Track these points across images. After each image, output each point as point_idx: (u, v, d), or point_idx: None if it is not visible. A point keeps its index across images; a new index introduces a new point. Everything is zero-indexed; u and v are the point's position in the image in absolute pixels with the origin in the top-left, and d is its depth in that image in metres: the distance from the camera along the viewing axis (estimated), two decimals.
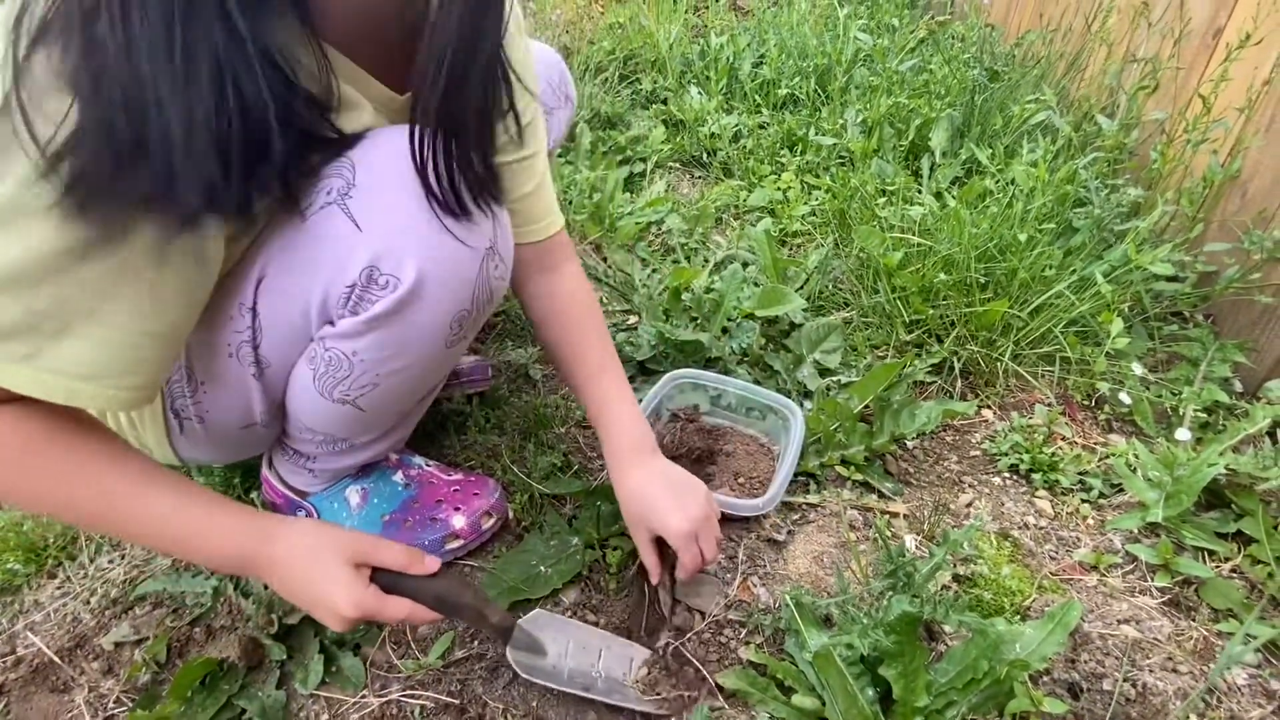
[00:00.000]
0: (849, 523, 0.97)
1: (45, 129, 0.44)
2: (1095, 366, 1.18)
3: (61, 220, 0.47)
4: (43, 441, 0.55)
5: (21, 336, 0.50)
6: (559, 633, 0.79)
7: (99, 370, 0.53)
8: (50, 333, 0.50)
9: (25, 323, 0.49)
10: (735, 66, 2.14)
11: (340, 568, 0.61)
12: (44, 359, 0.51)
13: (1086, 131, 1.60)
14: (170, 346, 0.58)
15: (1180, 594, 0.90)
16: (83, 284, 0.49)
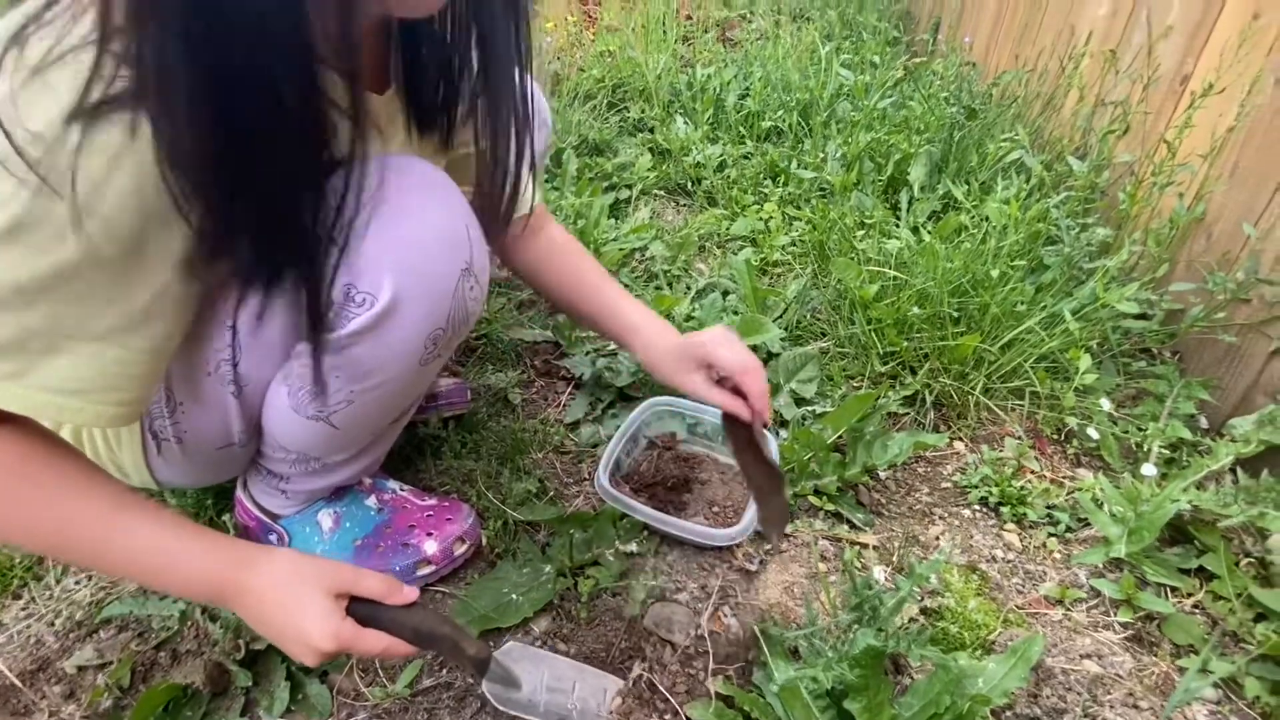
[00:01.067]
0: (820, 553, 0.98)
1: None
2: (1064, 401, 1.21)
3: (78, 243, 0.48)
4: (15, 468, 0.54)
5: (10, 354, 0.50)
6: (534, 665, 0.79)
7: (86, 386, 0.53)
8: (38, 350, 0.50)
9: (15, 340, 0.49)
10: (721, 98, 2.18)
11: (318, 598, 0.60)
12: (32, 376, 0.51)
13: (1058, 171, 1.65)
14: (158, 361, 0.59)
15: (1143, 629, 0.91)
16: (76, 301, 0.50)
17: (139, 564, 0.59)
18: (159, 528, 0.59)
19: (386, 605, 0.64)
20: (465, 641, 0.65)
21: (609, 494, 0.94)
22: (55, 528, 0.56)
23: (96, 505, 0.57)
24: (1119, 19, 1.72)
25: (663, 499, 1.04)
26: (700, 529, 0.94)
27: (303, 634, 0.59)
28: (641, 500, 0.99)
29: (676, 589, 0.93)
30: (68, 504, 0.56)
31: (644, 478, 1.05)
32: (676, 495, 1.05)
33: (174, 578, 0.60)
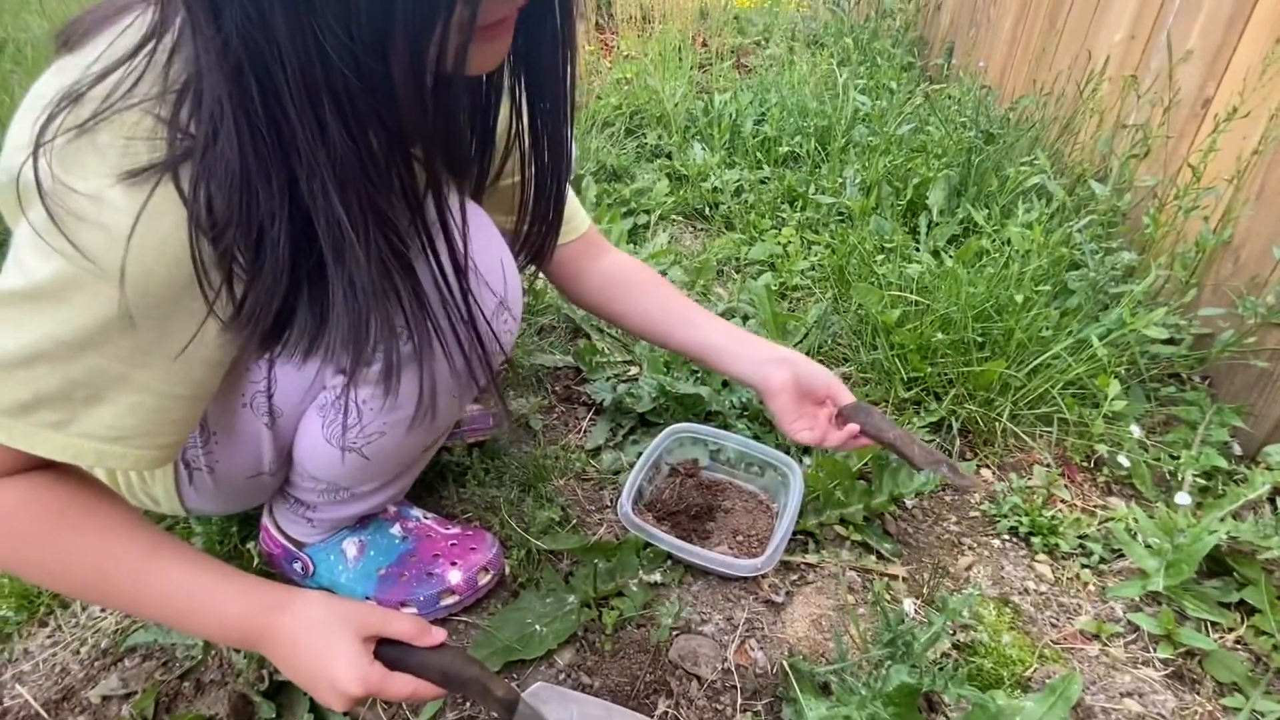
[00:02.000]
0: (848, 585, 0.96)
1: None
2: (1093, 428, 1.19)
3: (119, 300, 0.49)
4: (55, 514, 0.55)
5: (55, 405, 0.51)
6: (562, 705, 0.77)
7: (127, 432, 0.54)
8: (82, 400, 0.51)
9: (60, 391, 0.51)
10: (738, 123, 2.20)
11: (347, 643, 0.59)
12: (75, 425, 0.52)
13: (1080, 195, 1.64)
14: (197, 405, 0.60)
15: (1184, 665, 0.88)
16: (118, 354, 0.51)
17: (173, 607, 0.59)
18: (193, 571, 0.59)
19: (415, 647, 0.63)
20: (493, 683, 0.64)
21: (632, 523, 0.93)
22: (93, 571, 0.57)
23: (133, 549, 0.58)
24: (1137, 43, 1.72)
25: (686, 527, 1.02)
26: (724, 559, 0.92)
27: (332, 679, 0.59)
28: (665, 529, 0.98)
29: (702, 620, 0.91)
30: (105, 548, 0.57)
31: (667, 505, 1.04)
32: (700, 523, 1.04)
33: (205, 620, 0.60)
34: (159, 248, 0.48)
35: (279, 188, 0.47)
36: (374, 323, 0.53)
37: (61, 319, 0.49)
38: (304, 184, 0.46)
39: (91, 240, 0.47)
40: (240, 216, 0.48)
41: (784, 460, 1.04)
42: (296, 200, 0.47)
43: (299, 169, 0.45)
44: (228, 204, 0.47)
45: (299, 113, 0.43)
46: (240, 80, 0.42)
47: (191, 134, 0.46)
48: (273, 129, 0.44)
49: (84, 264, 0.47)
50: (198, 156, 0.46)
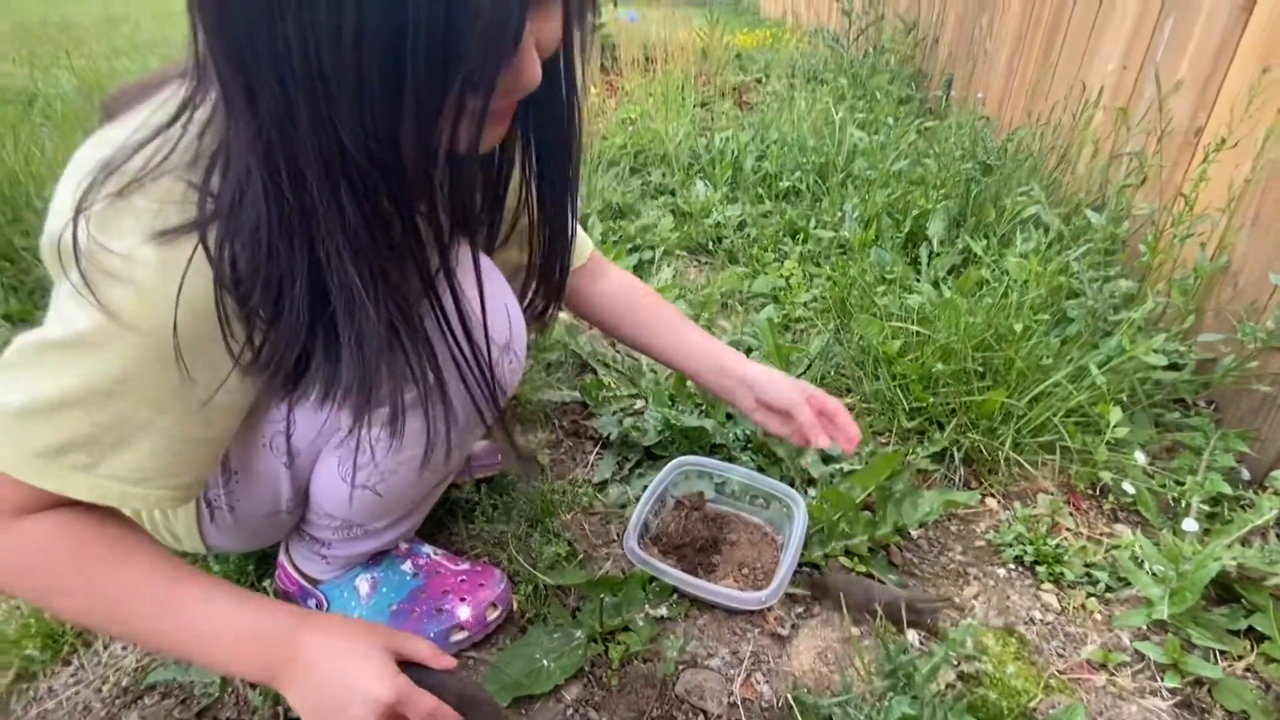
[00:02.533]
0: (853, 618, 0.97)
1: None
2: (1097, 456, 1.20)
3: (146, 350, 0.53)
4: (79, 547, 0.58)
5: (85, 448, 0.55)
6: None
7: (149, 474, 0.58)
8: (109, 444, 0.55)
9: (90, 436, 0.54)
10: (739, 160, 2.25)
11: (378, 652, 0.62)
12: (102, 468, 0.56)
13: (1077, 224, 1.66)
14: (216, 447, 0.64)
15: (1192, 695, 0.88)
16: (144, 400, 0.55)
17: (195, 636, 0.60)
18: (213, 598, 0.61)
19: (431, 670, 0.66)
20: (506, 713, 0.66)
21: (638, 557, 0.95)
22: (117, 603, 0.59)
23: (156, 581, 0.60)
24: (1129, 74, 1.76)
25: (692, 560, 1.04)
26: (730, 593, 0.94)
27: (364, 689, 0.60)
28: (670, 563, 1.00)
29: (708, 654, 0.92)
30: (129, 580, 0.59)
31: (672, 539, 1.06)
32: (705, 557, 1.05)
33: (225, 647, 0.61)
34: (186, 302, 0.52)
35: (299, 249, 0.50)
36: (382, 372, 0.56)
37: (94, 368, 0.53)
38: (320, 249, 0.50)
39: (122, 295, 0.51)
40: (262, 274, 0.51)
41: (788, 493, 1.06)
42: (314, 261, 0.51)
43: (317, 235, 0.49)
44: (251, 262, 0.51)
45: (318, 189, 0.47)
46: (268, 156, 0.46)
47: (219, 198, 0.50)
48: (295, 199, 0.48)
49: (116, 317, 0.51)
50: (224, 218, 0.50)
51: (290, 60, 0.41)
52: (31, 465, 0.54)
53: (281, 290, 0.52)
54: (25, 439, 0.54)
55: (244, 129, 0.46)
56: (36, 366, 0.54)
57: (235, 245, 0.51)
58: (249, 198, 0.49)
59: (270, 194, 0.48)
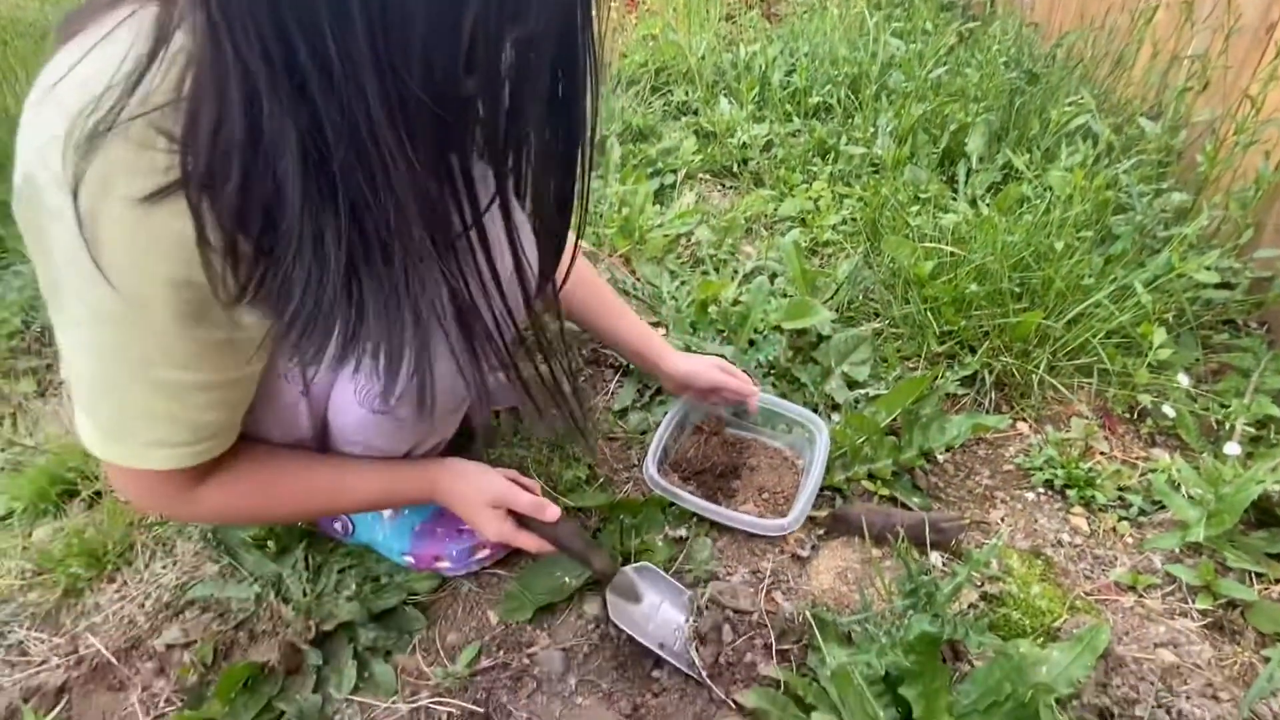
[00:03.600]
0: (874, 540, 0.96)
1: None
2: (1137, 378, 1.15)
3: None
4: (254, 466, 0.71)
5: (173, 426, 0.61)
6: (656, 589, 0.88)
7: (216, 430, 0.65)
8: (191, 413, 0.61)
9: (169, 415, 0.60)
10: (766, 76, 2.13)
11: (486, 507, 0.80)
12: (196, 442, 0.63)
13: (1129, 135, 1.55)
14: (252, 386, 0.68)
15: (1224, 617, 0.86)
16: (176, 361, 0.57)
17: (371, 495, 0.79)
18: (374, 467, 0.78)
19: (535, 521, 0.82)
20: (595, 555, 0.83)
21: (658, 484, 0.95)
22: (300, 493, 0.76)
23: (324, 468, 0.77)
24: None
25: (711, 486, 1.03)
26: (751, 519, 0.93)
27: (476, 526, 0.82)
28: (690, 489, 0.99)
29: (728, 573, 0.93)
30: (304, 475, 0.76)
31: (692, 465, 1.05)
32: (725, 482, 1.05)
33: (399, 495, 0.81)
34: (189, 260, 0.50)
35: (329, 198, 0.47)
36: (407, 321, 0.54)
37: (124, 340, 0.54)
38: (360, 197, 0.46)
39: (123, 264, 0.49)
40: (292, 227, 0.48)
41: (810, 418, 1.04)
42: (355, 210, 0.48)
43: (359, 184, 0.46)
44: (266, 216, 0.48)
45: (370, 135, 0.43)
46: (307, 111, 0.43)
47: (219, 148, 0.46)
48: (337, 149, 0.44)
49: (121, 286, 0.50)
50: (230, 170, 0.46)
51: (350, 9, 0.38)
52: (112, 449, 0.60)
53: (301, 244, 0.49)
54: (99, 422, 0.59)
55: (279, 88, 0.42)
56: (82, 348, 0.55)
57: (240, 199, 0.47)
58: (266, 147, 0.45)
59: (302, 142, 0.44)
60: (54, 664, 0.85)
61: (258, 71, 0.41)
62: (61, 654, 0.86)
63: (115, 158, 0.47)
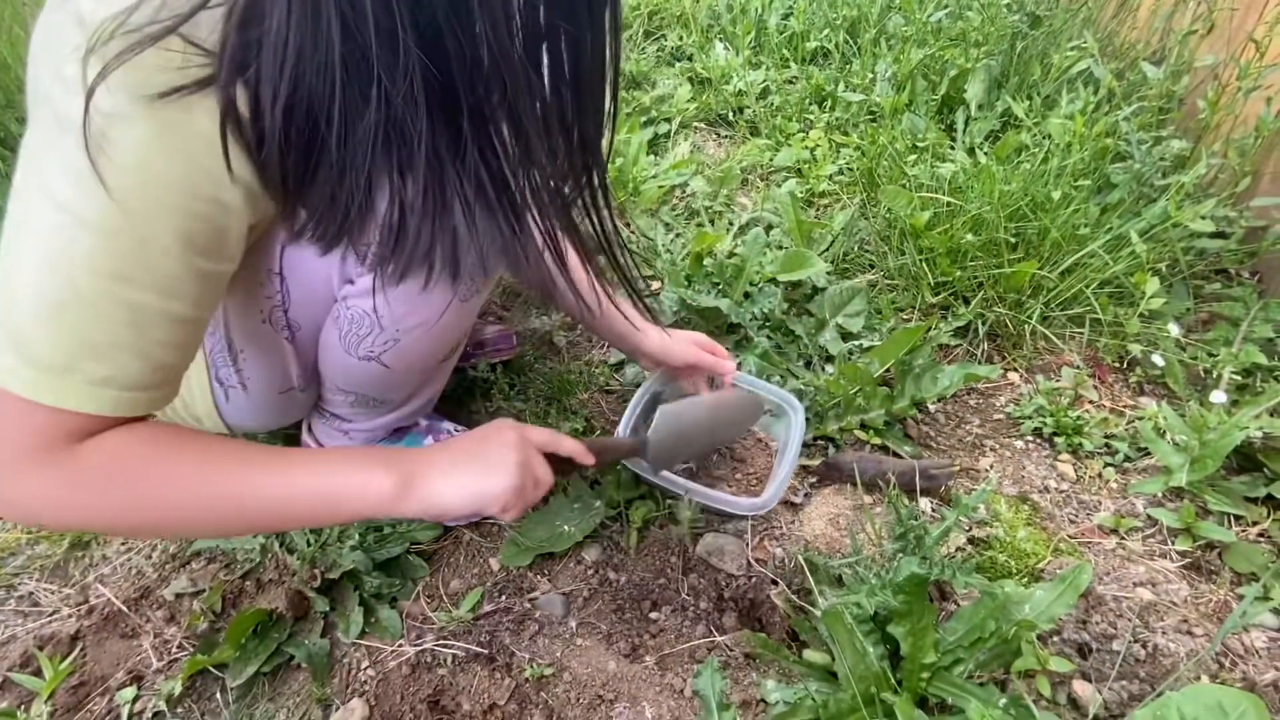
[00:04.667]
0: (865, 488, 0.98)
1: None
2: (1128, 328, 1.16)
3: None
4: (163, 446, 0.54)
5: (98, 356, 0.50)
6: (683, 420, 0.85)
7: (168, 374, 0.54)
8: (123, 346, 0.50)
9: (104, 340, 0.49)
10: (763, 19, 2.08)
11: (508, 424, 0.67)
12: (120, 378, 0.51)
13: (1131, 80, 1.53)
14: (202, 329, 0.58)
15: (1202, 558, 0.89)
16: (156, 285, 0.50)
17: (324, 486, 0.58)
18: (312, 452, 0.60)
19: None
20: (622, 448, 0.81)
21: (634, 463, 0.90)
22: (225, 490, 0.56)
23: (257, 455, 0.57)
24: None
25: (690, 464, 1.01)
26: (726, 498, 0.90)
27: (502, 430, 0.66)
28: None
29: (722, 521, 0.95)
30: (234, 459, 0.56)
31: None
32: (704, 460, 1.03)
33: (355, 493, 0.58)
34: (202, 171, 0.48)
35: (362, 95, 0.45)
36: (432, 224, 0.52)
37: (100, 254, 0.47)
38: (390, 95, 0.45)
39: (128, 171, 0.46)
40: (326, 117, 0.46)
41: (785, 397, 1.01)
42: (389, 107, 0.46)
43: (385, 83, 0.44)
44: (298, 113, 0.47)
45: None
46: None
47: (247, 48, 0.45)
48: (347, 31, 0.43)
49: (123, 195, 0.47)
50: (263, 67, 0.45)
51: None
52: (44, 383, 0.48)
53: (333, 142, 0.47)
54: (32, 352, 0.48)
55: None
56: (40, 259, 0.48)
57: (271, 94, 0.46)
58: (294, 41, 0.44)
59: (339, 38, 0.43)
60: (65, 614, 0.87)
61: None
62: (72, 604, 0.88)
63: (139, 62, 0.45)
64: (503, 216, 0.54)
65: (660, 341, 0.96)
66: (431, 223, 0.52)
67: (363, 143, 0.47)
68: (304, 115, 0.47)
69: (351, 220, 0.52)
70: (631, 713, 0.77)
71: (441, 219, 0.52)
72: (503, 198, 0.53)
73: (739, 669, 0.80)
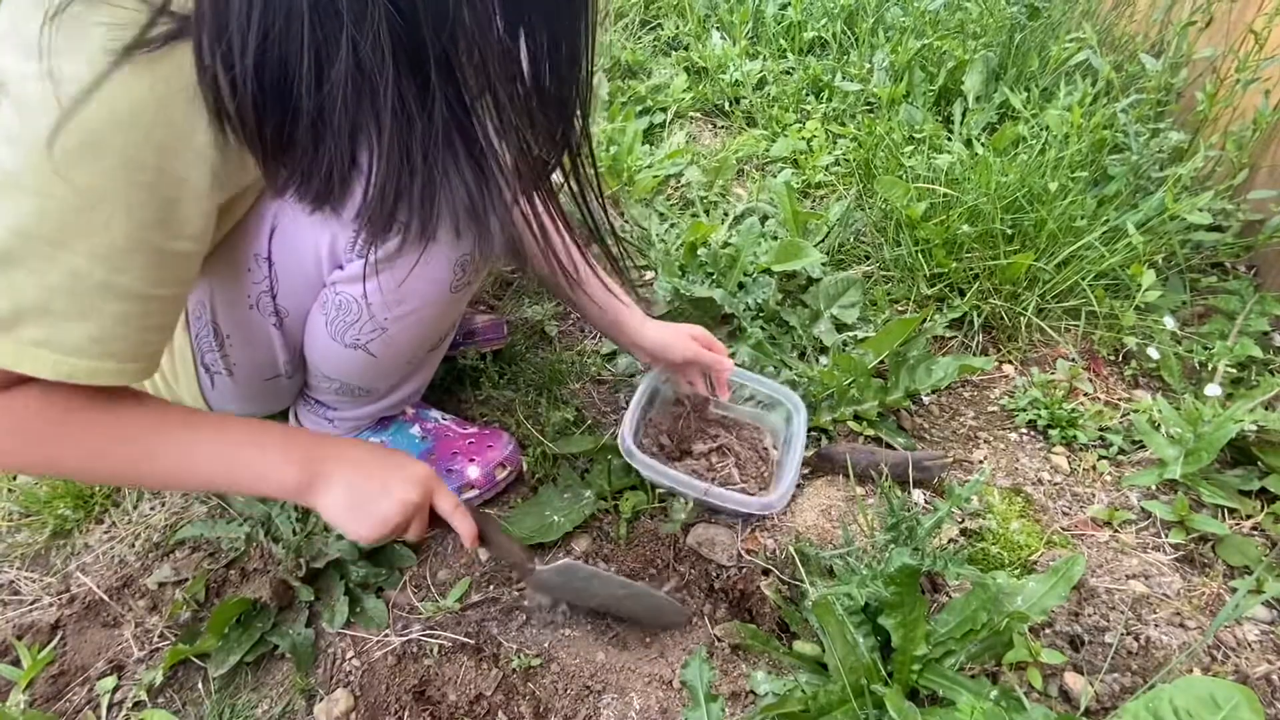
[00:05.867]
0: (857, 479, 0.98)
1: None
2: (1123, 320, 1.15)
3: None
4: (76, 406, 0.55)
5: (37, 318, 0.49)
6: (575, 576, 0.79)
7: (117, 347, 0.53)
8: (63, 311, 0.50)
9: (41, 302, 0.49)
10: (760, 8, 2.06)
11: (415, 466, 0.67)
12: (60, 341, 0.50)
13: (1129, 72, 1.52)
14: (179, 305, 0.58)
15: (1195, 551, 0.89)
16: (96, 254, 0.49)
17: (221, 471, 0.60)
18: (234, 431, 0.61)
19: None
20: (516, 551, 0.75)
21: (641, 462, 0.89)
22: (133, 445, 0.58)
23: (171, 419, 0.59)
24: None
25: (689, 462, 1.00)
26: (736, 497, 0.87)
27: (398, 486, 0.65)
28: (672, 466, 0.96)
29: (714, 512, 0.94)
30: (145, 422, 0.58)
31: (673, 441, 1.02)
32: (706, 458, 1.02)
33: (268, 465, 0.61)
34: (151, 128, 0.47)
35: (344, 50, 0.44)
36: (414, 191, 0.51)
37: (29, 214, 0.46)
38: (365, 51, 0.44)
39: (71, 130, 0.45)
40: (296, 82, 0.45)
41: (788, 394, 1.00)
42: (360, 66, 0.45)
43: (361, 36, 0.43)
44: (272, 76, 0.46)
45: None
46: None
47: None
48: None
49: (62, 155, 0.45)
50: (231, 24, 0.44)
51: None
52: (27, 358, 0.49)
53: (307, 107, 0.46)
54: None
55: None
56: None
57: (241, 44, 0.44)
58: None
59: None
60: (46, 602, 0.86)
61: None
62: (53, 593, 0.87)
63: (93, 20, 0.44)
64: (472, 175, 0.53)
65: (658, 336, 0.94)
66: (398, 177, 0.50)
67: (332, 93, 0.45)
68: (276, 64, 0.45)
69: (333, 178, 0.51)
70: (620, 703, 0.76)
71: (410, 175, 0.50)
72: (473, 156, 0.52)
73: (728, 660, 0.79)
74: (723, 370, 0.97)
